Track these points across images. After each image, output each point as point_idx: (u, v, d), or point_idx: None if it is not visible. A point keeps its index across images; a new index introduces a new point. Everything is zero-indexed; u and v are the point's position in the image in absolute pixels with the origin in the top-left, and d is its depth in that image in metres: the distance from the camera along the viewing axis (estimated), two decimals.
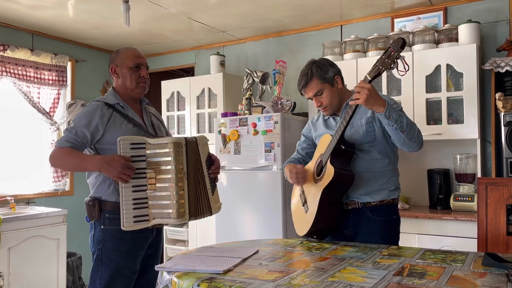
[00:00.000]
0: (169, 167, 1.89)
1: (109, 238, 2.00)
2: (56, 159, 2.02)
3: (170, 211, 1.87)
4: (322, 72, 2.02)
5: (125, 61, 2.11)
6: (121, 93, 2.14)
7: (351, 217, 2.04)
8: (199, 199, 1.98)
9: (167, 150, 1.89)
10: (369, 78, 1.78)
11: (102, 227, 2.01)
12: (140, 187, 1.89)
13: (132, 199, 1.87)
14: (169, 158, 1.88)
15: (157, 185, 1.89)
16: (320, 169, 2.01)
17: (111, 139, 1.99)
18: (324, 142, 2.03)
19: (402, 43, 1.69)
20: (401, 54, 1.71)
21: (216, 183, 2.12)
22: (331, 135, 1.98)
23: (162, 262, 2.19)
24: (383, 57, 1.74)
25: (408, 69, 1.74)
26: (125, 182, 1.86)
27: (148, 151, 1.91)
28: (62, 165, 2.14)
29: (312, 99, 2.08)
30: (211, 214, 2.03)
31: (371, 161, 2.00)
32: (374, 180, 2.00)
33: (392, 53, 1.70)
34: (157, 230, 2.16)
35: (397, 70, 1.72)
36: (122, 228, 1.85)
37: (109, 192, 2.01)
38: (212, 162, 2.09)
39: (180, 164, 1.90)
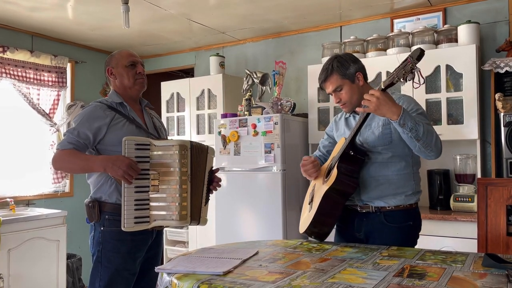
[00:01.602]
0: (173, 169, 1.89)
1: (108, 239, 1.99)
2: (60, 162, 2.00)
3: (172, 213, 1.87)
4: (343, 68, 1.98)
5: (120, 61, 2.13)
6: (120, 93, 2.14)
7: (365, 220, 2.00)
8: (196, 204, 1.99)
9: (172, 152, 1.90)
10: (382, 87, 1.72)
11: (101, 228, 2.00)
12: (142, 188, 1.89)
13: (134, 200, 1.87)
14: (175, 160, 1.89)
15: (160, 186, 1.89)
16: (329, 171, 2.00)
17: (113, 140, 1.99)
18: (339, 145, 2.01)
19: (419, 54, 1.62)
20: (417, 65, 1.64)
21: (209, 198, 2.13)
22: (345, 138, 1.96)
23: (162, 263, 2.18)
24: (399, 66, 1.68)
25: (424, 82, 1.68)
26: (128, 182, 1.86)
27: (152, 153, 1.92)
28: (66, 167, 2.11)
29: (331, 94, 2.05)
30: (198, 223, 2.02)
31: (385, 164, 1.96)
32: (388, 184, 1.95)
33: (409, 63, 1.63)
34: (157, 232, 2.15)
35: (413, 81, 1.66)
36: (122, 228, 1.85)
37: (109, 192, 2.00)
38: (214, 175, 2.13)
39: (185, 166, 1.91)
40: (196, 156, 1.99)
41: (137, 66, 2.14)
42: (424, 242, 2.88)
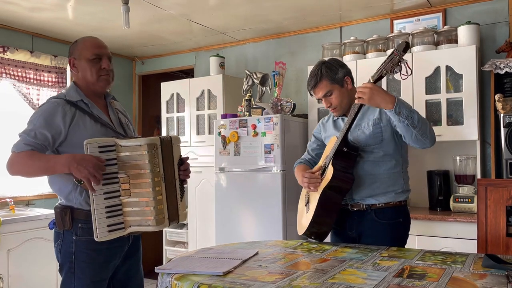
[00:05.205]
0: (144, 171, 1.72)
1: (82, 249, 1.81)
2: (16, 165, 1.78)
3: (148, 218, 1.73)
4: (332, 73, 2.02)
5: (83, 52, 1.88)
6: (82, 88, 1.91)
7: (356, 219, 2.03)
8: (173, 204, 1.84)
9: (141, 152, 1.72)
10: (371, 81, 1.78)
11: (74, 237, 1.81)
12: (112, 194, 1.72)
13: (104, 207, 1.70)
14: (145, 161, 1.72)
15: (132, 190, 1.73)
16: (323, 171, 2.02)
17: (75, 141, 1.79)
18: (331, 144, 2.03)
19: (405, 46, 1.67)
20: (404, 57, 1.70)
21: (184, 190, 1.96)
22: (337, 137, 1.98)
23: (161, 264, 2.16)
24: (386, 60, 1.73)
25: (411, 74, 1.73)
26: (96, 183, 1.68)
27: (119, 154, 1.74)
28: (24, 171, 1.82)
29: (321, 99, 2.08)
30: (178, 222, 1.88)
31: (377, 163, 1.99)
32: (379, 183, 1.99)
33: (395, 56, 1.69)
34: (134, 238, 1.98)
35: (400, 73, 1.71)
36: (95, 239, 1.69)
37: (81, 200, 1.82)
38: (182, 163, 1.93)
39: (156, 166, 1.74)
40: (167, 151, 1.82)
41: (103, 60, 1.89)
42: (424, 243, 2.90)
